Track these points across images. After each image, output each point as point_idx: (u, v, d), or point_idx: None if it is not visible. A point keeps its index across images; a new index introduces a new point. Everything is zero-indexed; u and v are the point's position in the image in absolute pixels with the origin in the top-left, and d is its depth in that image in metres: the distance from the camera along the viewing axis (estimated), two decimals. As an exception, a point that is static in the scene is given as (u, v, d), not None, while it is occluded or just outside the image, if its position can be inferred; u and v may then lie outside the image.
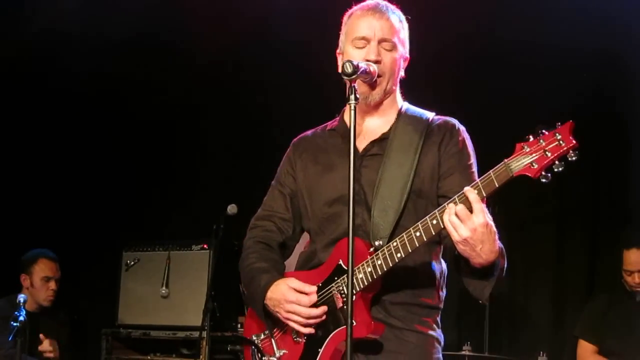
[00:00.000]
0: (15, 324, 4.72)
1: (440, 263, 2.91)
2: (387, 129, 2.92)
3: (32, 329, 5.03)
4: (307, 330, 2.80)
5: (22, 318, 4.75)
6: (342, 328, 2.73)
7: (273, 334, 2.93)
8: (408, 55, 2.97)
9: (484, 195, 2.52)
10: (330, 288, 2.79)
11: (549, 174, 2.46)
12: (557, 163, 2.45)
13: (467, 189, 2.51)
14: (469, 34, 5.75)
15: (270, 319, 2.90)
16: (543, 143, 2.46)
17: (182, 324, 5.97)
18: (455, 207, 2.50)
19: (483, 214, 2.49)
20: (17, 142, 6.63)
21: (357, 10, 2.95)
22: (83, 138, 6.78)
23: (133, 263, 6.29)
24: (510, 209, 5.72)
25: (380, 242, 2.74)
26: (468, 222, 2.48)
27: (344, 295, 2.73)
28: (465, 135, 2.92)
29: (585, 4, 5.32)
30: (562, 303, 5.88)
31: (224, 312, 5.32)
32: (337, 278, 2.79)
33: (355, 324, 2.61)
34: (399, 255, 2.64)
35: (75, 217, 6.75)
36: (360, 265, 2.69)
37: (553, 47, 5.61)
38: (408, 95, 3.03)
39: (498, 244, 2.57)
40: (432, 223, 2.60)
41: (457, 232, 2.50)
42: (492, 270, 2.62)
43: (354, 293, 2.61)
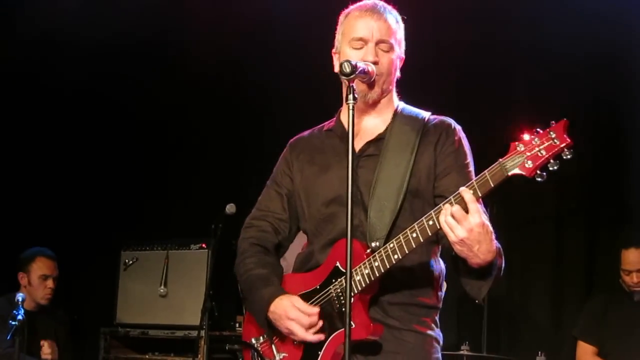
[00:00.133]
0: (14, 323, 4.70)
1: (439, 262, 2.89)
2: (383, 129, 2.91)
3: (30, 328, 5.02)
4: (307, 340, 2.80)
5: (20, 317, 4.72)
6: (341, 330, 2.71)
7: (272, 338, 2.91)
8: (404, 56, 2.95)
9: (480, 195, 2.50)
10: (329, 290, 2.78)
11: (544, 173, 2.45)
12: (552, 162, 2.44)
13: (462, 189, 2.50)
14: (468, 34, 5.74)
15: (271, 327, 2.88)
16: (537, 142, 2.45)
17: (180, 323, 5.96)
18: (451, 207, 2.49)
19: (479, 214, 2.47)
20: (15, 141, 6.62)
21: (354, 11, 2.92)
22: (81, 138, 6.78)
23: (131, 262, 6.28)
24: (509, 209, 5.74)
25: (377, 243, 2.73)
26: (464, 222, 2.47)
27: (343, 298, 2.72)
28: (462, 135, 2.90)
29: (584, 5, 5.31)
30: (560, 303, 5.88)
31: (223, 311, 5.32)
32: (334, 280, 2.77)
33: (355, 326, 2.60)
34: (396, 257, 2.63)
35: (74, 216, 6.75)
36: (358, 267, 2.68)
37: (552, 47, 5.61)
38: (404, 95, 3.01)
39: (495, 244, 2.56)
40: (428, 224, 2.58)
41: (453, 232, 2.49)
42: (489, 270, 2.61)
43: (352, 295, 2.58)
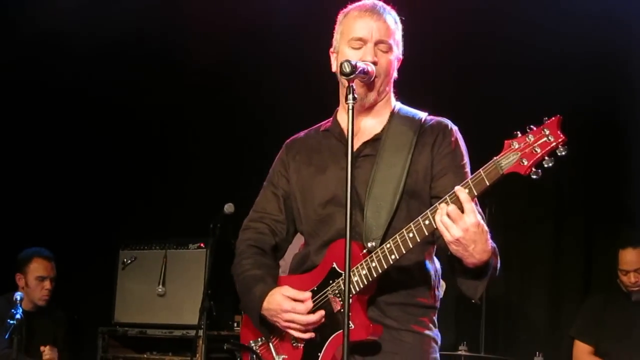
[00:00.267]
0: (12, 322, 4.68)
1: (434, 262, 2.89)
2: (380, 130, 2.90)
3: (28, 329, 5.00)
4: (307, 336, 2.78)
5: (18, 316, 4.69)
6: (340, 331, 2.68)
7: (271, 340, 2.90)
8: (402, 56, 2.95)
9: (475, 194, 2.50)
10: (326, 292, 2.78)
11: (540, 170, 2.45)
12: (547, 159, 2.43)
13: (457, 189, 2.49)
14: (467, 34, 5.74)
15: (267, 327, 2.87)
16: (532, 139, 2.44)
17: (178, 323, 5.97)
18: (447, 207, 2.49)
19: (474, 214, 2.47)
20: (13, 141, 6.62)
21: (353, 10, 2.91)
22: (80, 137, 6.77)
23: (130, 261, 6.28)
24: (507, 209, 5.74)
25: (373, 243, 2.72)
26: (460, 222, 2.47)
27: (341, 299, 2.71)
28: (458, 136, 2.90)
29: (584, 4, 5.32)
30: (558, 303, 5.89)
31: (221, 310, 5.31)
32: (332, 281, 2.77)
33: (354, 327, 2.60)
34: (393, 257, 2.63)
35: (72, 215, 6.74)
36: (355, 268, 2.67)
37: (551, 47, 5.61)
38: (401, 95, 3.01)
39: (490, 244, 2.56)
40: (424, 223, 2.58)
41: (449, 232, 2.49)
42: (485, 270, 2.61)
43: (350, 296, 2.58)
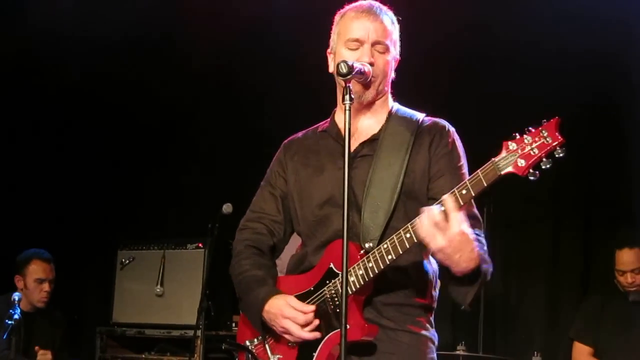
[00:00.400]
0: (10, 322, 4.69)
1: (432, 263, 2.88)
2: (377, 130, 2.90)
3: (26, 330, 4.99)
4: (300, 341, 2.79)
5: (17, 316, 4.71)
6: (336, 331, 2.71)
7: (267, 340, 2.90)
8: (399, 57, 2.94)
9: (473, 195, 2.50)
10: (323, 292, 2.78)
11: (537, 172, 2.45)
12: (544, 160, 2.44)
13: (444, 197, 2.50)
14: (466, 34, 5.74)
15: (265, 328, 2.87)
16: (529, 140, 2.45)
17: (176, 323, 5.97)
18: (434, 215, 2.48)
19: (459, 223, 2.47)
20: (12, 141, 6.62)
21: (350, 11, 2.90)
22: (78, 137, 6.78)
23: (128, 262, 6.29)
24: (506, 210, 5.75)
25: (371, 244, 2.73)
26: (445, 232, 2.47)
27: (337, 299, 2.71)
28: (455, 137, 2.90)
29: (584, 4, 5.32)
30: (556, 303, 5.89)
31: (219, 311, 5.33)
32: (328, 282, 2.77)
33: (349, 327, 2.58)
34: (390, 257, 2.63)
35: (71, 215, 6.75)
36: (352, 269, 2.67)
37: (550, 47, 5.61)
38: (399, 96, 3.01)
39: (477, 252, 2.56)
40: None
41: (433, 241, 2.49)
42: (474, 277, 2.61)
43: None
